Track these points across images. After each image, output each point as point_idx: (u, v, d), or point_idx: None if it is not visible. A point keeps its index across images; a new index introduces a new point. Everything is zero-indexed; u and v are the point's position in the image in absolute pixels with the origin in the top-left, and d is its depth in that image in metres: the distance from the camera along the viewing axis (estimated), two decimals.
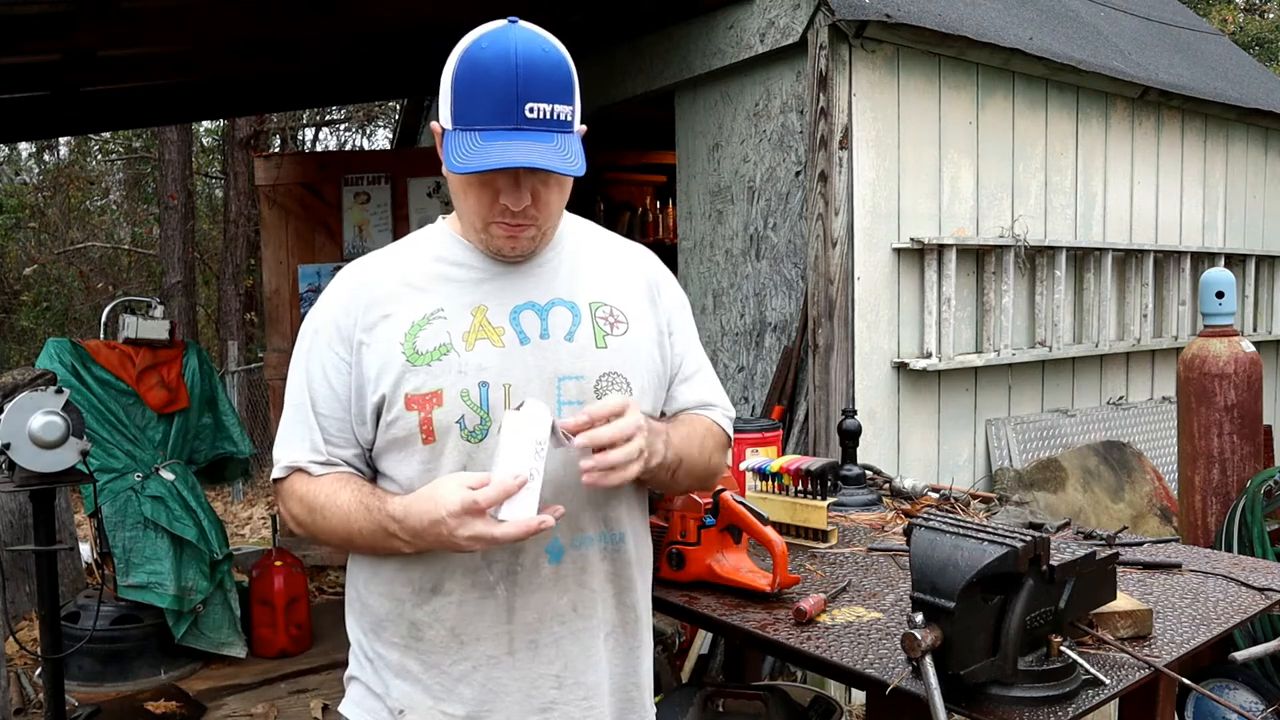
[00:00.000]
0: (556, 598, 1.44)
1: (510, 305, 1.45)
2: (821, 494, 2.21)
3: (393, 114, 12.84)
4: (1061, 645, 1.41)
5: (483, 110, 1.32)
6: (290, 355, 1.54)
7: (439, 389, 1.39)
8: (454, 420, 1.39)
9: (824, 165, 3.63)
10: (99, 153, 14.63)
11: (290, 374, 1.52)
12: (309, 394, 1.47)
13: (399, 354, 1.40)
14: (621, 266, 1.56)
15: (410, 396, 1.39)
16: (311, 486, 1.46)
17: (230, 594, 4.39)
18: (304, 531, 1.51)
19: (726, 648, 3.23)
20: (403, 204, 5.74)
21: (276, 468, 1.51)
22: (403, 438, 1.41)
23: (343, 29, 4.55)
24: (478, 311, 1.43)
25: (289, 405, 1.50)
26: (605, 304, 1.50)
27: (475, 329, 1.42)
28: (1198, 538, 3.31)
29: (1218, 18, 11.35)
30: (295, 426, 1.49)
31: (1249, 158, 5.59)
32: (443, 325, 1.42)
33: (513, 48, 1.32)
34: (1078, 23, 4.89)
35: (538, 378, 1.42)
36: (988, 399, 4.30)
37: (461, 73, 1.34)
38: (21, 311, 12.58)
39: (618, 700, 1.52)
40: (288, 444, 1.49)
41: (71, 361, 4.14)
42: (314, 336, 1.48)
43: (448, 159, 1.34)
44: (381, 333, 1.42)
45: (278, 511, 1.59)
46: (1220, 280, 3.36)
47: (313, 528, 1.47)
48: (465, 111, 1.34)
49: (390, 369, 1.40)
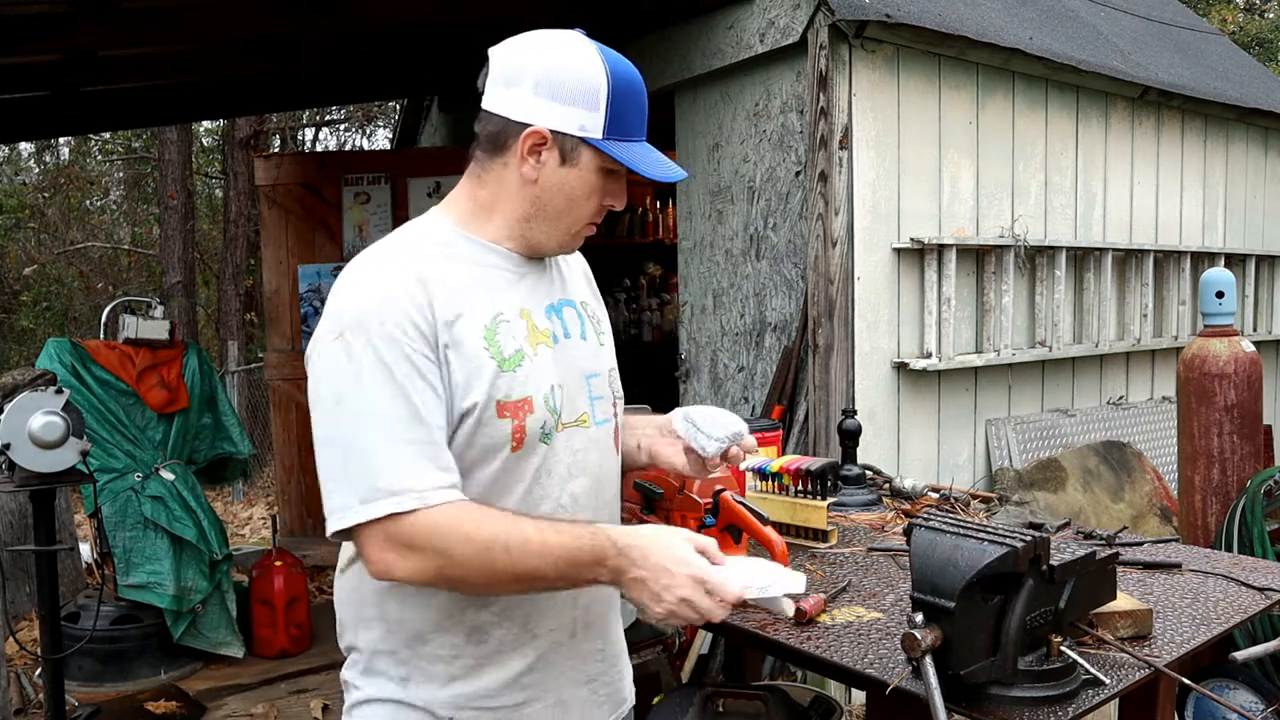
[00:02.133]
0: None
1: (540, 306, 1.47)
2: (821, 494, 2.21)
3: (393, 114, 12.83)
4: (1061, 645, 1.41)
5: (635, 123, 1.41)
6: (292, 356, 1.52)
7: (528, 395, 1.38)
8: (539, 426, 1.40)
9: (824, 165, 3.63)
10: (99, 153, 14.63)
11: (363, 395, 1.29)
12: (414, 404, 1.29)
13: (488, 358, 1.35)
14: (574, 266, 1.63)
15: (501, 403, 1.36)
16: (479, 520, 1.29)
17: (228, 594, 4.39)
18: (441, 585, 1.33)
19: (726, 648, 3.23)
20: (403, 204, 5.74)
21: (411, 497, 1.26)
22: (490, 445, 1.37)
23: (343, 29, 4.56)
24: (524, 314, 1.44)
25: (392, 426, 1.28)
26: (587, 303, 1.59)
27: (531, 331, 1.43)
28: (1198, 538, 3.31)
29: (1218, 18, 11.35)
30: (405, 447, 1.28)
31: (1249, 158, 5.59)
32: (509, 328, 1.40)
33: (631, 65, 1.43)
34: (1078, 23, 4.89)
35: (573, 376, 1.47)
36: (988, 399, 4.30)
37: (621, 86, 1.39)
38: (21, 311, 12.58)
39: (626, 663, 1.65)
40: (399, 470, 1.27)
41: (71, 361, 4.14)
42: (393, 344, 1.29)
43: (636, 167, 1.39)
44: (461, 334, 1.34)
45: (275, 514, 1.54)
46: (1220, 280, 3.36)
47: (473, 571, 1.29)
48: (623, 123, 1.40)
49: (482, 374, 1.34)
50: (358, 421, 1.29)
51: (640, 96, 1.41)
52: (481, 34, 5.47)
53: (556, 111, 1.37)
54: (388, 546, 1.28)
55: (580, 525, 1.35)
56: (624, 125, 1.39)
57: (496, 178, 1.43)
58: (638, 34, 4.41)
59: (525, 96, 1.38)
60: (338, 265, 5.80)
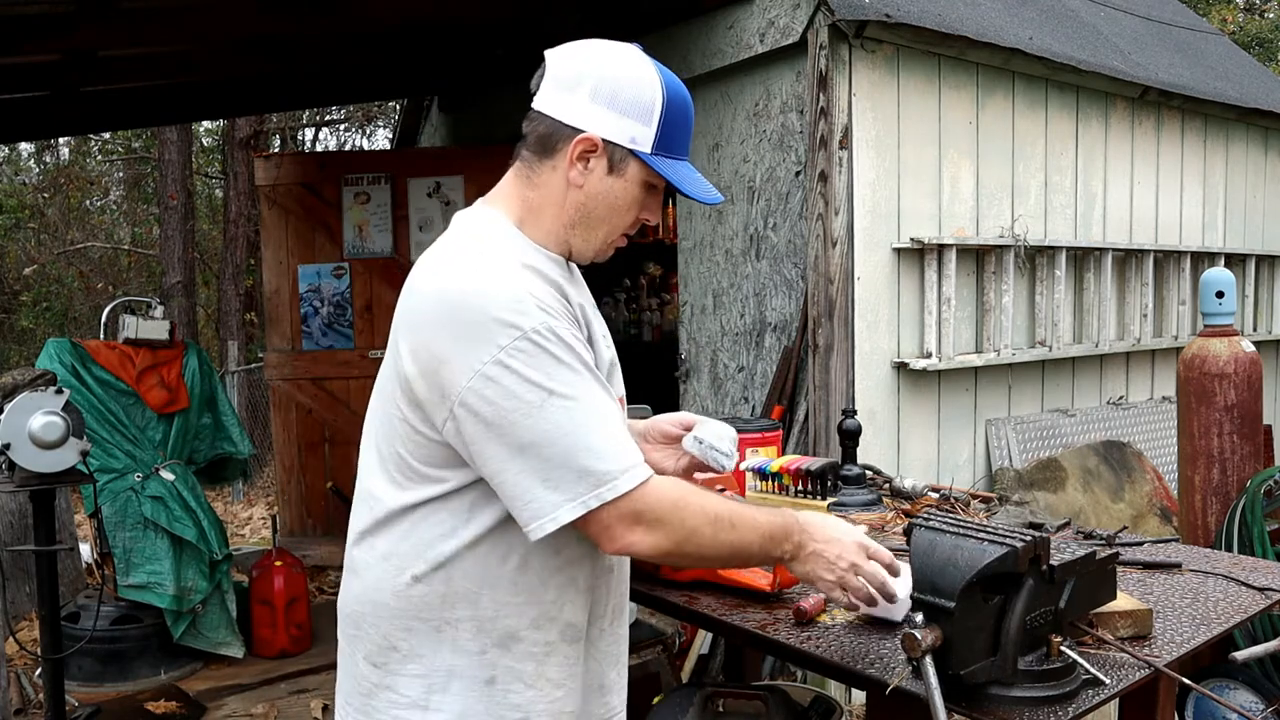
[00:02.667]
0: (627, 568, 1.63)
1: (589, 308, 1.53)
2: (821, 494, 2.21)
3: (393, 114, 12.84)
4: (1061, 645, 1.41)
5: (682, 143, 1.45)
6: (292, 356, 1.53)
7: (621, 394, 1.52)
8: None
9: (824, 165, 3.63)
10: (99, 153, 14.64)
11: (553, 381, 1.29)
12: (607, 389, 1.38)
13: (605, 355, 1.48)
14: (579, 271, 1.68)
15: None
16: (700, 494, 1.39)
17: (228, 595, 4.39)
18: (672, 550, 1.35)
19: (726, 648, 3.23)
20: (402, 204, 5.73)
21: (638, 473, 1.31)
22: None
23: (343, 29, 4.56)
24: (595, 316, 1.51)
25: (602, 413, 1.32)
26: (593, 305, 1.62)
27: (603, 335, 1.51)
28: (1198, 538, 3.31)
29: (1218, 18, 11.35)
30: (617, 427, 1.34)
31: (1249, 158, 5.59)
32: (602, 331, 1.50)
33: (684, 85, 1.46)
34: (1078, 23, 4.89)
35: None
36: (988, 399, 4.30)
37: (675, 104, 1.42)
38: (21, 311, 12.58)
39: None
40: (624, 448, 1.32)
41: (71, 362, 4.14)
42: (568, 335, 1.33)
43: (683, 186, 1.43)
44: (590, 332, 1.45)
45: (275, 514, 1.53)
46: (1220, 280, 3.36)
47: (706, 542, 1.35)
48: (672, 141, 1.43)
49: (602, 370, 1.44)
50: (571, 412, 1.29)
51: (690, 118, 1.45)
52: (481, 34, 5.50)
53: (610, 120, 1.39)
54: (634, 523, 1.32)
55: (769, 506, 1.47)
56: (672, 143, 1.43)
57: (545, 180, 1.44)
58: (638, 34, 4.39)
59: (581, 102, 1.39)
60: (338, 265, 5.81)
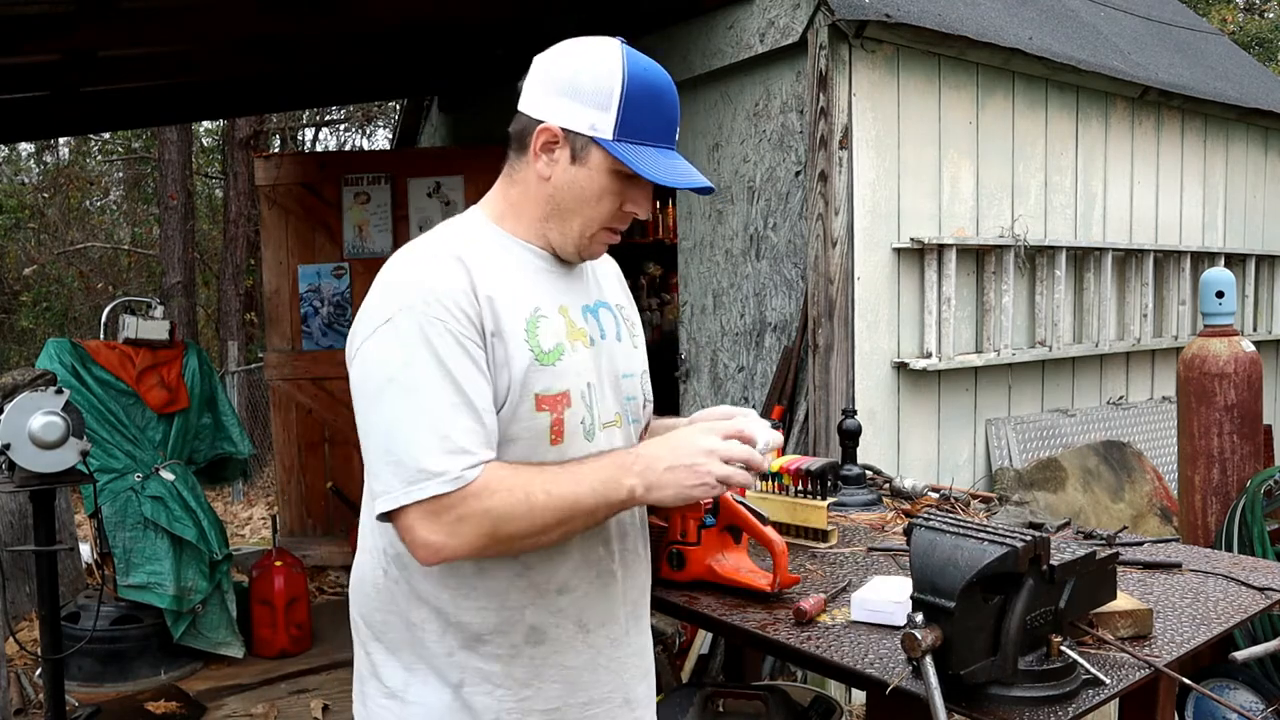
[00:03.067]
0: (644, 572, 1.59)
1: (578, 305, 1.51)
2: (821, 494, 2.21)
3: (392, 114, 12.84)
4: (1061, 645, 1.41)
5: (653, 128, 1.41)
6: (292, 356, 1.52)
7: (566, 390, 1.41)
8: (579, 421, 1.43)
9: (824, 165, 3.63)
10: (99, 153, 14.63)
11: (410, 375, 1.30)
12: (466, 389, 1.31)
13: (526, 350, 1.38)
14: (608, 270, 1.66)
15: (540, 397, 1.39)
16: (514, 473, 1.31)
17: (228, 595, 4.39)
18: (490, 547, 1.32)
19: (726, 648, 3.23)
20: (402, 204, 5.73)
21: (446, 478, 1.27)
22: (527, 438, 1.39)
23: (343, 29, 4.55)
24: (563, 311, 1.47)
25: (432, 402, 1.29)
26: (622, 306, 1.62)
27: (569, 329, 1.46)
28: (1198, 538, 3.31)
29: (1218, 18, 11.34)
30: (454, 423, 1.29)
31: (1249, 158, 5.59)
32: (548, 324, 1.43)
33: (666, 74, 1.44)
34: (1078, 23, 4.89)
35: (608, 377, 1.51)
36: (988, 399, 4.30)
37: (637, 89, 1.39)
38: (21, 311, 12.58)
39: None
40: (457, 443, 1.28)
41: (71, 362, 4.14)
42: (438, 324, 1.31)
43: (640, 168, 1.37)
44: (506, 325, 1.37)
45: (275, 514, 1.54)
46: (1220, 280, 3.36)
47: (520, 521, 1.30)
48: (637, 126, 1.39)
49: (520, 366, 1.37)
50: (405, 403, 1.30)
51: (662, 103, 1.41)
52: (481, 34, 5.51)
53: (569, 109, 1.39)
54: (437, 526, 1.29)
55: (593, 454, 1.40)
56: (638, 128, 1.40)
57: (522, 176, 1.46)
58: (638, 34, 4.41)
59: (546, 95, 1.41)
60: (338, 265, 5.81)
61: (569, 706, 1.46)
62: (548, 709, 1.45)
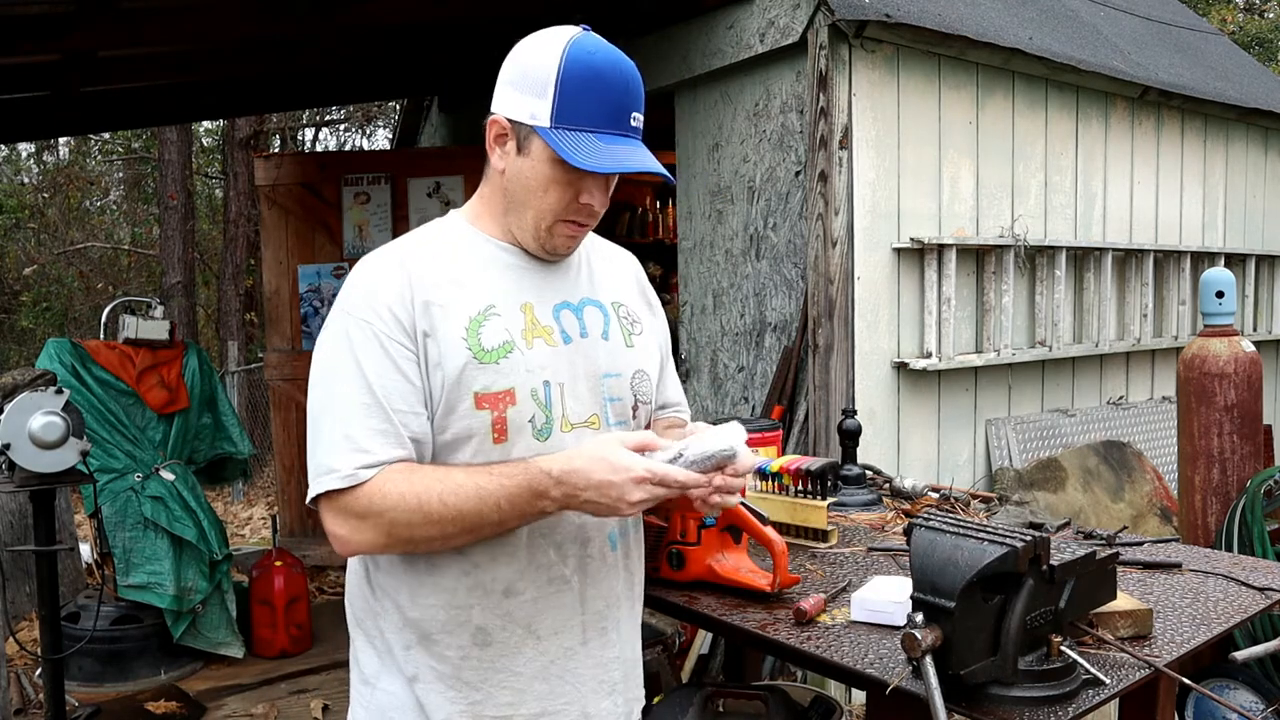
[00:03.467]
0: (614, 582, 1.52)
1: (551, 303, 1.48)
2: (821, 494, 2.21)
3: (393, 114, 12.83)
4: (1061, 645, 1.41)
5: (596, 114, 1.36)
6: (292, 356, 1.53)
7: (510, 388, 1.39)
8: (526, 419, 1.40)
9: (824, 165, 3.63)
10: (99, 153, 14.63)
11: (333, 371, 1.36)
12: (379, 390, 1.33)
13: (464, 349, 1.37)
14: (619, 267, 1.63)
15: (480, 395, 1.37)
16: (411, 479, 1.32)
17: (228, 595, 4.39)
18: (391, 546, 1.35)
19: (726, 648, 3.23)
20: (402, 204, 5.73)
21: (340, 475, 1.31)
22: (471, 438, 1.38)
23: (343, 29, 4.55)
24: (526, 309, 1.45)
25: (345, 404, 1.33)
26: (623, 304, 1.57)
27: (529, 326, 1.43)
28: (1198, 538, 3.31)
29: (1218, 18, 11.34)
30: (361, 424, 1.33)
31: (1249, 158, 5.59)
32: (499, 322, 1.41)
33: (619, 58, 1.39)
34: (1078, 23, 4.89)
35: (584, 376, 1.47)
36: (988, 399, 4.30)
37: (573, 74, 1.35)
38: (21, 311, 12.58)
39: (639, 668, 1.62)
40: (358, 443, 1.32)
41: (71, 362, 4.14)
42: (365, 326, 1.35)
43: (567, 154, 1.34)
44: (442, 325, 1.37)
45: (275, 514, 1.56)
46: (1220, 280, 3.36)
47: (417, 527, 1.31)
48: (575, 113, 1.35)
49: (456, 365, 1.36)
50: (327, 400, 1.36)
51: (603, 85, 1.36)
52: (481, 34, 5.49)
53: (512, 99, 1.39)
54: (340, 521, 1.34)
55: (514, 463, 1.35)
56: (576, 114, 1.35)
57: (488, 172, 1.48)
58: (638, 34, 4.41)
59: (499, 87, 1.43)
60: (338, 265, 5.81)
61: (518, 716, 1.43)
62: (497, 715, 1.42)
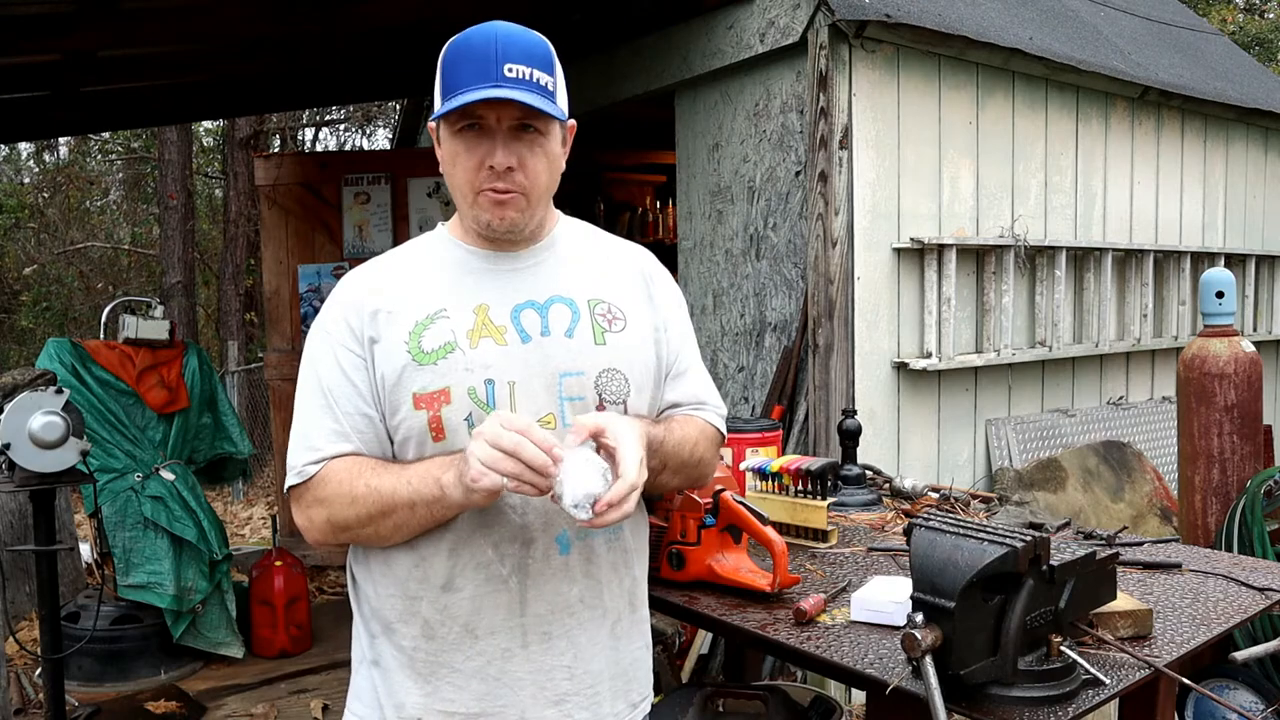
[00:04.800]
0: (567, 588, 1.47)
1: (511, 304, 1.49)
2: (821, 494, 2.21)
3: (393, 114, 12.83)
4: (1061, 645, 1.41)
5: (464, 76, 1.39)
6: (292, 356, 1.56)
7: (446, 387, 1.42)
8: (462, 418, 1.41)
9: (824, 165, 3.63)
10: (99, 153, 14.63)
11: (301, 380, 1.49)
12: (330, 393, 1.45)
13: (404, 353, 1.43)
14: (617, 263, 1.60)
15: (418, 396, 1.42)
16: (349, 468, 1.42)
17: (228, 595, 4.39)
18: (337, 533, 1.44)
19: (726, 648, 3.23)
20: (403, 204, 5.73)
21: (295, 471, 1.45)
22: (413, 437, 1.43)
23: (343, 29, 4.55)
24: (480, 310, 1.47)
25: (304, 409, 1.47)
26: (603, 300, 1.53)
27: (478, 327, 1.46)
28: (1198, 538, 3.31)
29: (1218, 18, 11.35)
30: (316, 425, 1.45)
31: (1249, 158, 5.59)
32: (446, 324, 1.45)
33: (493, 27, 1.42)
34: (1078, 23, 4.89)
35: (540, 374, 1.45)
36: (988, 399, 4.30)
37: (446, 55, 1.43)
38: (21, 311, 12.57)
39: (619, 684, 1.55)
40: (311, 441, 1.45)
41: (71, 361, 4.14)
42: (325, 337, 1.48)
43: (440, 109, 1.41)
44: (388, 331, 1.45)
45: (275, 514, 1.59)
46: (1220, 280, 3.36)
47: (346, 509, 1.41)
48: (450, 85, 1.41)
49: (396, 368, 1.43)
50: (297, 405, 1.49)
51: (469, 49, 1.39)
52: None
53: (436, 99, 1.46)
54: (298, 511, 1.47)
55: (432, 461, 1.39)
56: (452, 84, 1.40)
57: None
58: (637, 34, 4.41)
59: None
60: (338, 265, 5.81)
61: (458, 714, 1.45)
62: (445, 710, 1.45)
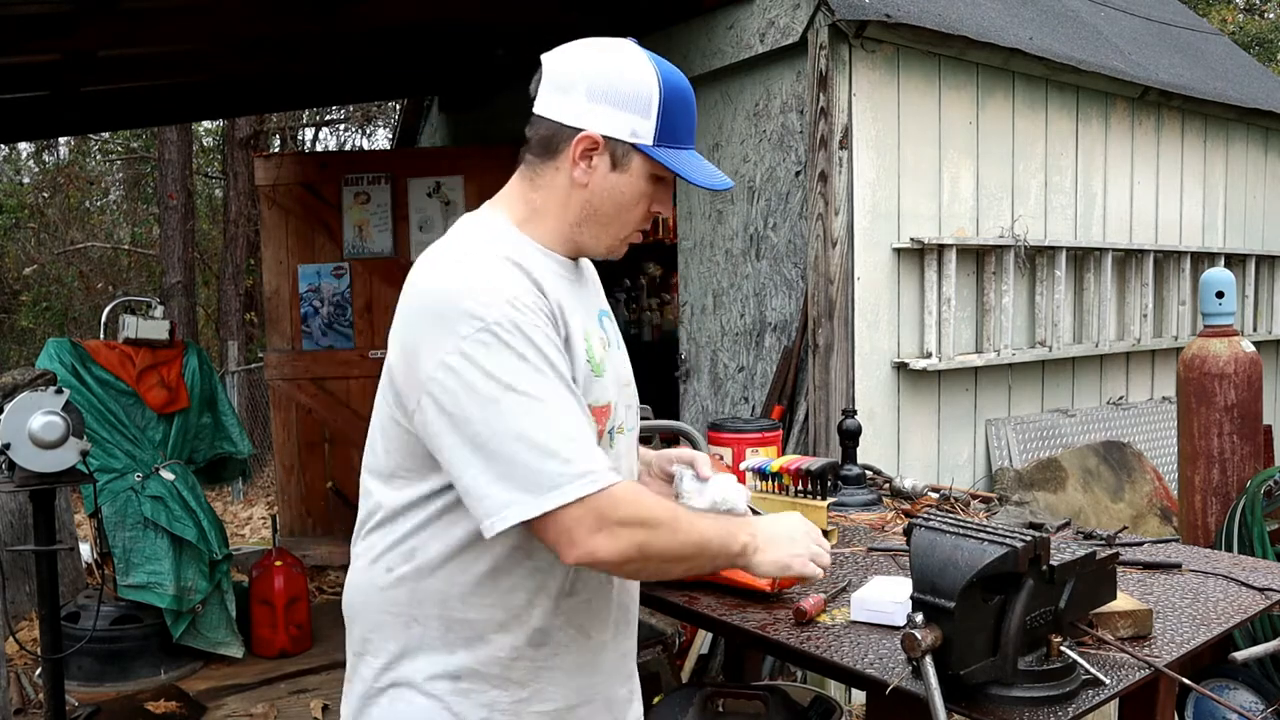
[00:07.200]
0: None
1: (594, 314, 1.52)
2: (821, 494, 2.21)
3: (393, 114, 12.83)
4: (1061, 645, 1.41)
5: (685, 131, 1.44)
6: (292, 356, 1.54)
7: (610, 402, 1.45)
8: (609, 430, 1.46)
9: (824, 165, 3.63)
10: (99, 153, 14.63)
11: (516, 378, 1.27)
12: (572, 389, 1.33)
13: (585, 361, 1.40)
14: (593, 273, 1.63)
15: (593, 408, 1.40)
16: (652, 502, 1.35)
17: (227, 595, 4.39)
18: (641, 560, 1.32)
19: (726, 648, 3.23)
20: (402, 204, 5.73)
21: (590, 478, 1.26)
22: None
23: (343, 29, 4.56)
24: (589, 320, 1.48)
25: (555, 406, 1.28)
26: (608, 314, 1.60)
27: (599, 339, 1.47)
28: (1198, 538, 3.31)
29: (1218, 18, 11.34)
30: (580, 430, 1.30)
31: (1249, 158, 5.59)
32: (595, 333, 1.47)
33: (685, 75, 1.46)
34: (1078, 23, 4.89)
35: (624, 384, 1.53)
36: (988, 399, 4.30)
37: (672, 95, 1.42)
38: (21, 311, 12.58)
39: None
40: (585, 452, 1.28)
41: (71, 361, 4.14)
42: (538, 332, 1.30)
43: (685, 173, 1.42)
44: (572, 333, 1.39)
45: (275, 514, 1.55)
46: (1220, 280, 3.36)
47: (668, 552, 1.35)
48: (673, 131, 1.42)
49: (582, 377, 1.39)
50: (528, 410, 1.27)
51: (690, 106, 1.44)
52: (481, 34, 5.50)
53: (609, 116, 1.39)
54: (597, 527, 1.27)
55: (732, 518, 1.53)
56: (674, 132, 1.42)
57: (549, 181, 1.44)
58: (637, 34, 4.40)
59: (578, 101, 1.40)
60: (338, 265, 5.81)
61: (558, 710, 1.46)
62: (541, 710, 1.44)
